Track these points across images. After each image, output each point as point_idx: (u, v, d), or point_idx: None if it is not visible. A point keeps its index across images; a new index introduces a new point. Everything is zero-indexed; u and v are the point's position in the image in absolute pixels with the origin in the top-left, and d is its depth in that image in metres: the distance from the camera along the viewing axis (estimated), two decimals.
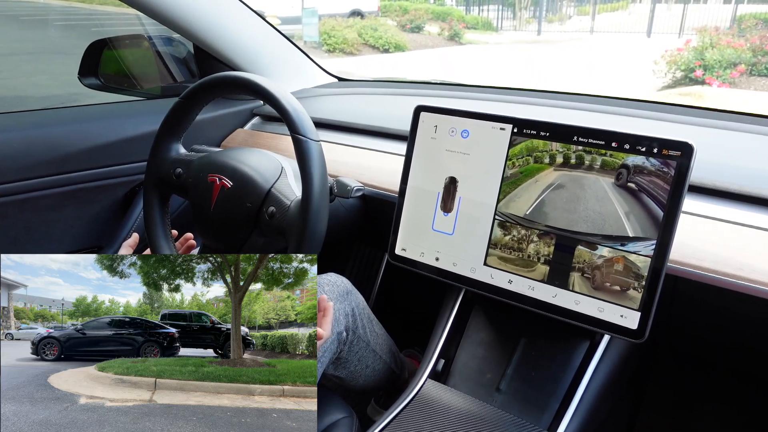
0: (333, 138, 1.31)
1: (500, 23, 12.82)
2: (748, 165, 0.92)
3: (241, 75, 0.86)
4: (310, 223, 0.78)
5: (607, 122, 0.99)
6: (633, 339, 0.76)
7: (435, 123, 0.92)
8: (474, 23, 12.25)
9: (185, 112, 0.92)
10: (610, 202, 0.78)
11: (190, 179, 0.91)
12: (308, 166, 0.78)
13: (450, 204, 0.91)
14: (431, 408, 0.87)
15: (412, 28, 11.23)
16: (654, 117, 1.13)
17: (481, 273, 0.88)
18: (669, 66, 6.80)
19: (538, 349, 0.92)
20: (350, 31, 10.04)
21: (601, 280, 0.78)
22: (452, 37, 11.10)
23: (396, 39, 10.17)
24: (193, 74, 1.52)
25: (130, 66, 1.51)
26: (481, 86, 1.45)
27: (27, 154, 1.17)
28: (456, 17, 11.76)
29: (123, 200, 1.35)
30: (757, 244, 0.78)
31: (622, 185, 0.77)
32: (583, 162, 0.80)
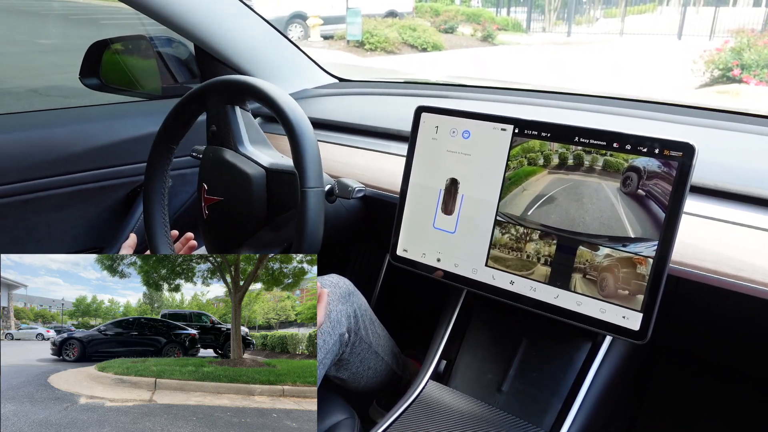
0: (333, 138, 1.31)
1: (529, 25, 13.28)
2: (749, 165, 0.92)
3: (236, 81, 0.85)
4: (307, 221, 0.77)
5: (608, 122, 0.99)
6: (635, 340, 0.76)
7: (436, 123, 0.92)
8: (504, 24, 12.68)
9: (181, 120, 0.92)
10: (612, 204, 0.78)
11: (188, 186, 0.91)
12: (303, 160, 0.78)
13: (451, 205, 0.90)
14: (433, 409, 0.87)
15: (446, 29, 11.66)
16: (655, 117, 1.13)
17: (482, 274, 0.88)
18: (707, 65, 7.20)
19: (540, 350, 0.91)
20: (391, 30, 10.52)
21: (602, 281, 0.78)
22: (485, 38, 11.59)
23: (433, 39, 10.68)
24: (194, 75, 1.52)
25: (131, 66, 1.51)
26: (481, 86, 1.45)
27: (28, 154, 1.17)
28: (487, 18, 12.21)
29: (124, 201, 1.35)
30: (758, 244, 0.78)
31: (631, 193, 0.76)
32: (584, 163, 0.80)
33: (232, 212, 0.87)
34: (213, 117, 0.89)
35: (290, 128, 0.78)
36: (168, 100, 1.45)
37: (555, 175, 0.82)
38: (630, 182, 0.77)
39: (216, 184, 0.88)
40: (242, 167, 0.85)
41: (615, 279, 0.77)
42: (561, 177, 0.82)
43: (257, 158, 0.87)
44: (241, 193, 0.85)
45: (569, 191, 0.81)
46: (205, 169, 0.90)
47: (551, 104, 1.26)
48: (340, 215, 1.14)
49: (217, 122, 0.89)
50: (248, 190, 0.84)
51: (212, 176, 0.89)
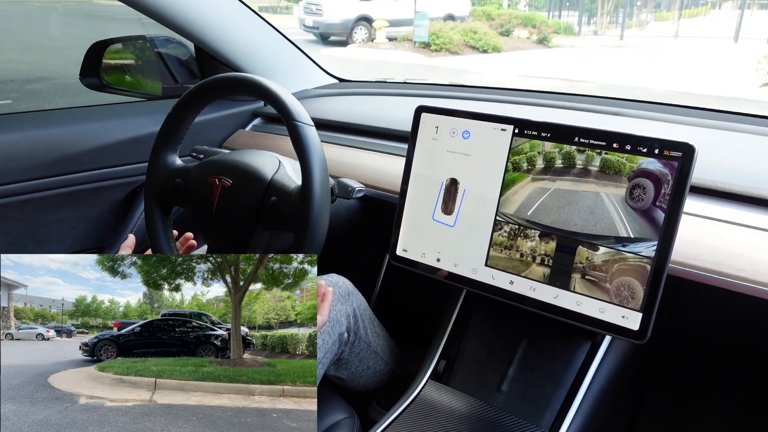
0: (333, 138, 1.31)
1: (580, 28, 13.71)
2: (749, 165, 0.92)
3: (223, 76, 0.87)
4: (313, 211, 0.78)
5: (608, 123, 0.99)
6: (635, 340, 0.76)
7: (436, 124, 0.92)
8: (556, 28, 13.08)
9: (179, 122, 0.92)
10: (611, 204, 0.78)
11: (191, 186, 0.91)
12: (306, 150, 0.79)
13: (451, 205, 0.90)
14: (432, 409, 0.87)
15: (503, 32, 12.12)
16: (655, 117, 1.13)
17: (482, 274, 0.88)
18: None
19: (540, 349, 0.91)
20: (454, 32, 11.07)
21: (602, 281, 0.78)
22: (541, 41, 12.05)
23: (493, 41, 11.29)
24: (194, 75, 1.52)
25: (131, 66, 1.52)
26: (481, 87, 1.45)
27: (28, 154, 1.17)
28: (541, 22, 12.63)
29: (124, 201, 1.35)
30: (758, 244, 0.78)
31: (640, 209, 0.75)
32: (584, 163, 0.80)
33: (241, 196, 0.87)
34: None
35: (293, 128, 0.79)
36: (168, 100, 1.45)
37: (555, 175, 0.82)
38: (638, 197, 0.75)
39: (228, 172, 0.89)
40: None
41: (614, 279, 0.77)
42: (561, 177, 0.82)
43: None
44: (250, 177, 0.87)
45: (569, 191, 0.81)
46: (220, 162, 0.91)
47: (551, 105, 1.26)
48: (340, 215, 1.14)
49: None
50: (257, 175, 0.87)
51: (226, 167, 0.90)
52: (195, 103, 0.91)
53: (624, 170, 0.77)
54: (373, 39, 11.57)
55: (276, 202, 0.84)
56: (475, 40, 11.11)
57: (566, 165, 0.81)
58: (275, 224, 0.86)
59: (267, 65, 1.48)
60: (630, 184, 0.76)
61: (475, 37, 11.13)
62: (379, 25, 11.47)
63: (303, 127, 0.80)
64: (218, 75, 0.88)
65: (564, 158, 0.81)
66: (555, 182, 0.82)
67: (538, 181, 0.83)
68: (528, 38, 12.28)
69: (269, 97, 0.83)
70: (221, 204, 0.88)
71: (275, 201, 0.84)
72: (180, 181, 0.92)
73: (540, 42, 12.11)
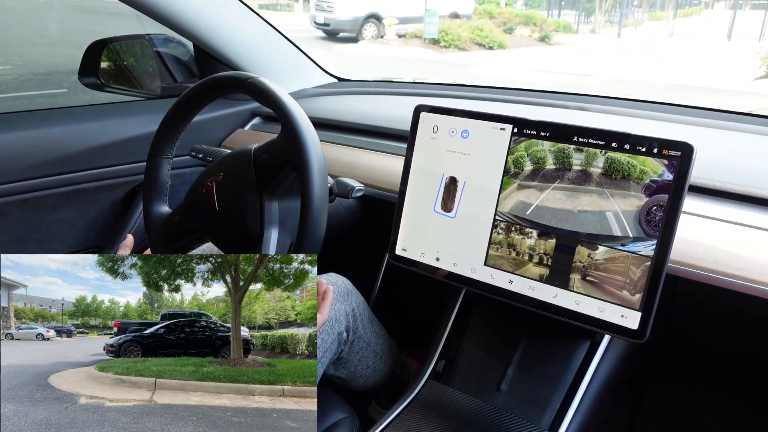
0: (333, 138, 1.31)
1: (578, 27, 14.30)
2: (748, 165, 0.92)
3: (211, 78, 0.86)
4: (312, 211, 0.77)
5: (608, 122, 0.99)
6: (634, 339, 0.76)
7: (435, 123, 0.92)
8: (555, 26, 13.47)
9: (171, 132, 0.92)
10: (610, 204, 0.78)
11: (191, 213, 0.91)
12: (304, 149, 0.77)
13: (450, 204, 0.90)
14: (432, 408, 0.87)
15: (505, 30, 12.44)
16: (654, 117, 1.13)
17: (481, 273, 0.88)
18: (763, 60, 8.46)
19: (539, 349, 0.91)
20: (461, 29, 11.44)
21: (601, 281, 0.78)
22: (542, 39, 12.42)
23: (499, 39, 11.66)
24: (193, 74, 1.52)
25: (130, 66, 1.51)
26: (480, 86, 1.45)
27: (27, 154, 1.17)
28: (541, 20, 13.03)
29: (123, 200, 1.35)
30: (757, 244, 0.78)
31: (648, 222, 0.74)
32: (584, 162, 0.80)
33: (235, 177, 0.86)
34: None
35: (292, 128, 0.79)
36: (167, 99, 1.45)
37: (554, 175, 0.82)
38: (650, 214, 0.75)
39: (214, 169, 0.89)
40: None
41: (613, 278, 0.77)
42: (561, 177, 0.82)
43: None
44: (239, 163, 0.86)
45: (569, 191, 0.81)
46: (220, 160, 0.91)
47: (551, 104, 1.26)
48: (340, 214, 1.14)
49: None
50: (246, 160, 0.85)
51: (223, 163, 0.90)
52: (197, 100, 0.90)
53: (634, 174, 0.76)
54: (383, 36, 11.79)
55: (267, 158, 0.83)
56: (482, 38, 11.46)
57: (565, 164, 0.81)
58: (277, 179, 0.84)
59: (266, 64, 1.48)
60: (648, 201, 0.75)
61: (481, 35, 11.49)
62: (390, 23, 11.73)
63: (299, 125, 0.79)
64: (230, 72, 0.87)
65: (563, 157, 0.81)
66: (554, 182, 0.82)
67: (536, 181, 0.83)
68: (530, 36, 12.57)
69: (265, 98, 0.82)
70: (221, 198, 0.87)
71: (266, 157, 0.83)
72: (179, 218, 0.91)
73: (541, 39, 12.39)
